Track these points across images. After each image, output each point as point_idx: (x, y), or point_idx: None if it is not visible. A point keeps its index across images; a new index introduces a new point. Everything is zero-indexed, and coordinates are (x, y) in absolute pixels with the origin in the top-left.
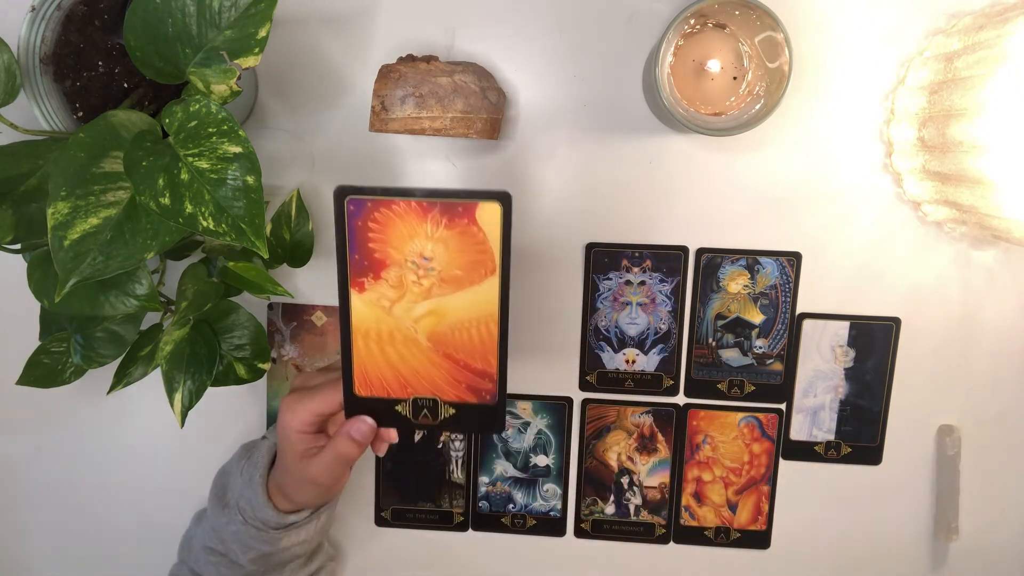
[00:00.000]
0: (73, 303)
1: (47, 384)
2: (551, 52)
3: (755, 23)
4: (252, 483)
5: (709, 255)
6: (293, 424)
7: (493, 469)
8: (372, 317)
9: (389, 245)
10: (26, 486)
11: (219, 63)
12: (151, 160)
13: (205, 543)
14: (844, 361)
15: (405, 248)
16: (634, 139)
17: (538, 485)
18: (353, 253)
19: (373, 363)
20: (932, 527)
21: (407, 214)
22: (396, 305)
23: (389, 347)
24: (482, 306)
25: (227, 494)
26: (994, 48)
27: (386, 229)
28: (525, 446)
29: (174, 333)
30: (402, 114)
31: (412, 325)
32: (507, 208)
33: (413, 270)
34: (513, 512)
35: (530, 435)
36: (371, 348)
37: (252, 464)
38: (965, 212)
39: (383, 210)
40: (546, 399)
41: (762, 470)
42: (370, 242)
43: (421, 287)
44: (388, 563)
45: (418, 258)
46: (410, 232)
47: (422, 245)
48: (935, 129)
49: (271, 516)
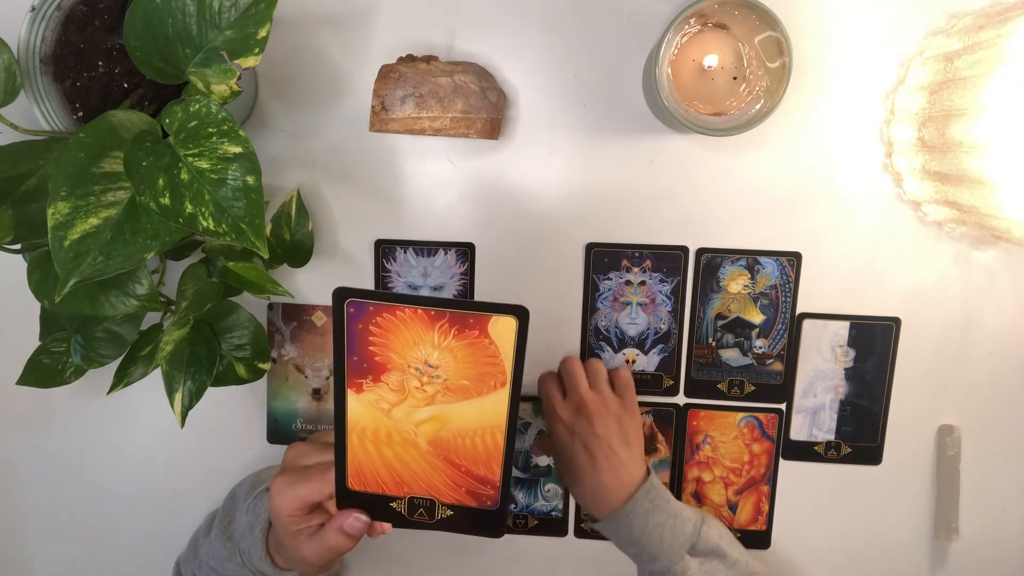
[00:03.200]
0: (73, 303)
1: (47, 384)
2: (551, 52)
3: (755, 23)
4: (252, 532)
5: (709, 255)
6: (283, 509)
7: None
8: (369, 417)
9: (391, 350)
10: (26, 486)
11: (219, 63)
12: (151, 160)
13: (209, 561)
14: (844, 361)
15: (409, 354)
16: (634, 139)
17: (539, 485)
18: (352, 355)
19: (368, 460)
20: (932, 527)
21: (413, 321)
22: (396, 408)
23: (386, 447)
24: (489, 417)
25: (232, 526)
26: (994, 48)
27: (389, 334)
28: (526, 446)
29: (174, 333)
30: (402, 114)
31: (412, 428)
32: (523, 323)
33: (416, 376)
34: (515, 512)
35: (531, 435)
36: (367, 447)
37: (255, 511)
38: (965, 212)
39: (386, 315)
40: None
41: (762, 470)
42: (371, 345)
43: (424, 393)
44: (388, 563)
45: (423, 365)
46: (415, 339)
47: (428, 353)
48: (935, 129)
49: (268, 570)
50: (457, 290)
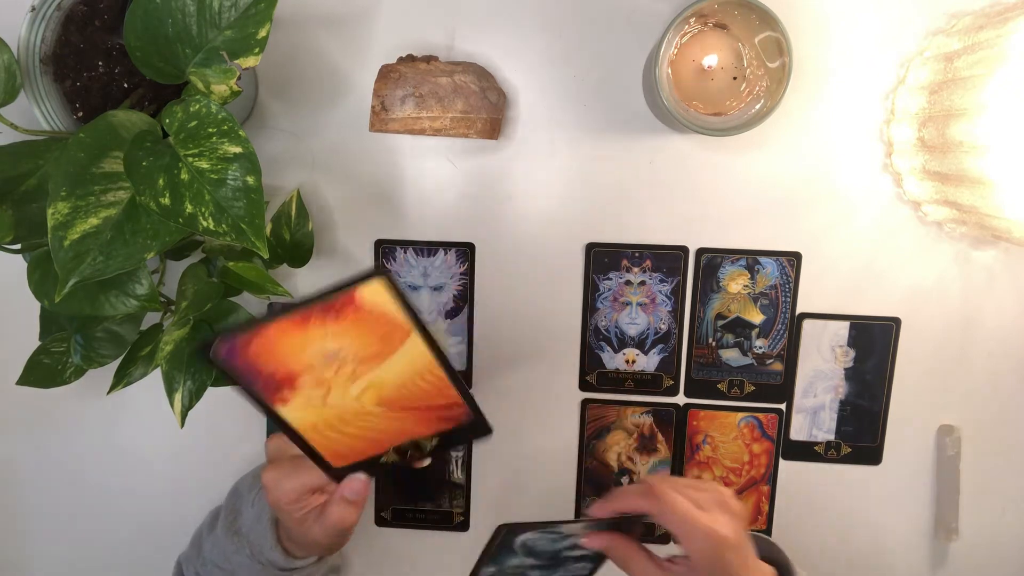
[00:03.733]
0: (73, 303)
1: (47, 384)
2: (551, 52)
3: (755, 23)
4: (261, 522)
5: (709, 255)
6: (282, 499)
7: (506, 563)
8: (311, 414)
9: (286, 362)
10: (26, 486)
11: (219, 63)
12: (151, 160)
13: (213, 557)
14: (844, 361)
15: (305, 357)
16: (634, 139)
17: (564, 565)
18: (254, 384)
19: (337, 443)
20: (932, 527)
21: (285, 332)
22: (328, 396)
23: (345, 426)
24: (416, 361)
25: (238, 520)
26: (994, 48)
27: (272, 352)
28: (558, 548)
29: (174, 333)
30: (402, 114)
31: (356, 403)
32: (388, 279)
33: (327, 367)
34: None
35: (571, 541)
36: (328, 434)
37: (260, 504)
38: (965, 212)
39: (256, 340)
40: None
41: (762, 470)
42: (263, 367)
43: (345, 374)
44: (388, 563)
45: (324, 357)
46: (300, 343)
47: (320, 346)
48: (935, 129)
49: (279, 559)
50: (457, 290)
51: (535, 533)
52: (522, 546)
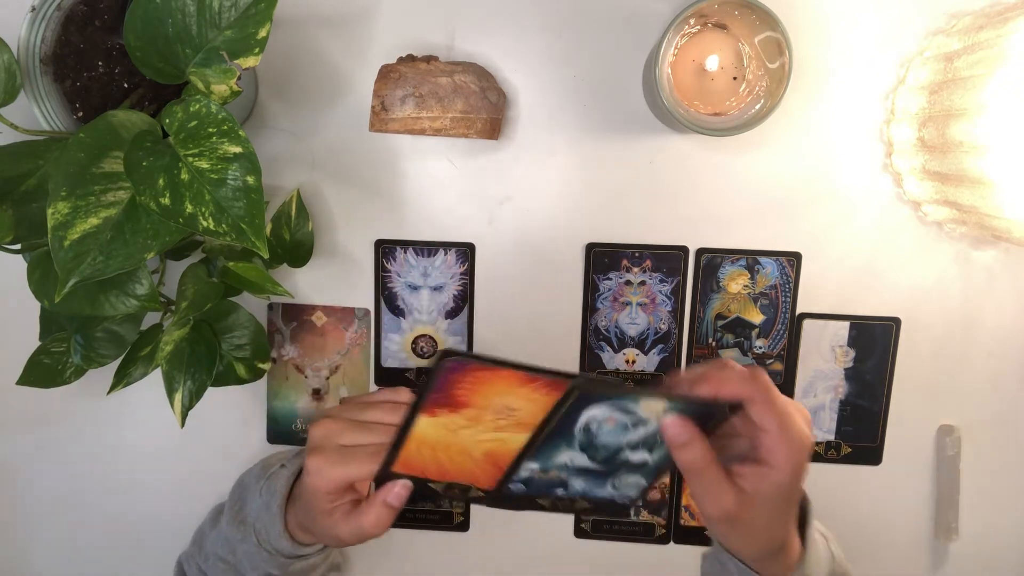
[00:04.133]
0: (73, 303)
1: (47, 384)
2: (551, 52)
3: (755, 23)
4: (270, 510)
5: (709, 255)
6: (322, 487)
7: (552, 458)
8: (434, 435)
9: (477, 395)
10: (26, 486)
11: (219, 63)
12: (151, 160)
13: (216, 549)
14: (844, 361)
15: (492, 401)
16: (634, 139)
17: (615, 475)
18: (434, 392)
19: (419, 459)
20: (932, 527)
21: (508, 378)
22: (463, 431)
23: (441, 453)
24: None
25: (244, 510)
26: (994, 48)
27: (479, 385)
28: (624, 442)
29: (174, 333)
30: (402, 114)
31: (473, 444)
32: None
33: (494, 415)
34: (558, 496)
35: (640, 433)
36: (422, 451)
37: (269, 490)
38: (965, 212)
39: (484, 374)
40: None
41: None
42: (458, 389)
43: (496, 425)
44: (388, 563)
45: (504, 409)
46: (504, 390)
47: (513, 401)
48: (935, 129)
49: (286, 546)
50: (457, 290)
51: (607, 408)
52: (584, 430)
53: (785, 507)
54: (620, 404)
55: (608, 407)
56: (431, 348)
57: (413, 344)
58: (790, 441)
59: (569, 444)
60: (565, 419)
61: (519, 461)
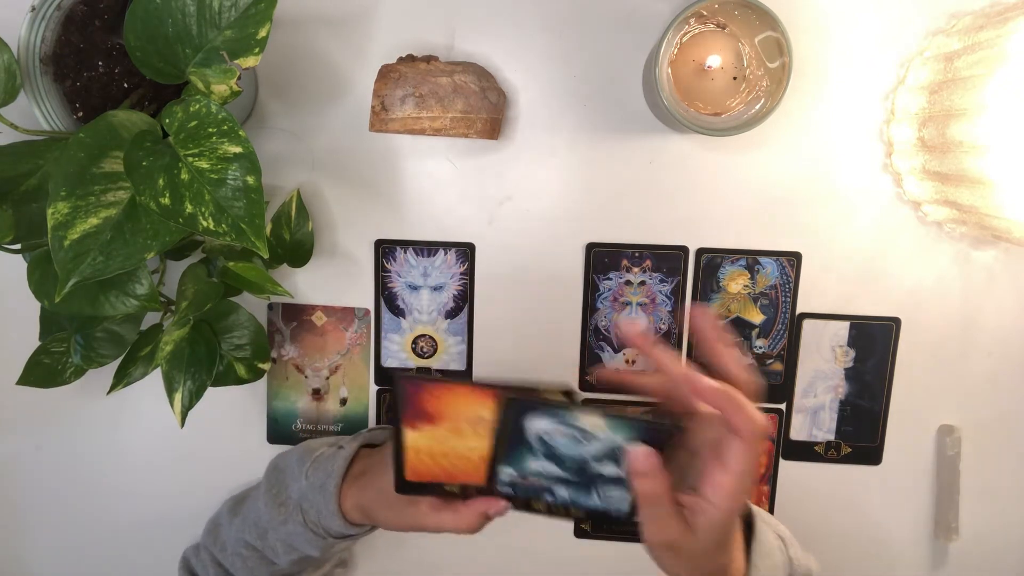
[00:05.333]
0: (73, 303)
1: (47, 384)
2: (551, 52)
3: (755, 23)
4: (325, 490)
5: (709, 255)
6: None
7: (525, 466)
8: (426, 444)
9: (446, 408)
10: (26, 486)
11: (219, 63)
12: (151, 160)
13: (241, 535)
14: (844, 361)
15: (462, 414)
16: (634, 139)
17: (597, 486)
18: (407, 409)
19: (423, 466)
20: (932, 527)
21: (467, 394)
22: (450, 441)
23: (442, 459)
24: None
25: (284, 492)
26: (994, 48)
27: (442, 401)
28: (585, 454)
29: (174, 333)
30: (402, 114)
31: (466, 451)
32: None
33: (470, 425)
34: (550, 502)
35: (596, 447)
36: (423, 459)
37: (324, 471)
38: (965, 212)
39: (441, 391)
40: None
41: (762, 470)
42: (425, 405)
43: (477, 434)
44: (388, 564)
45: (476, 418)
46: (467, 403)
47: (481, 411)
48: (935, 129)
49: (337, 525)
50: (457, 290)
51: (550, 421)
52: (539, 440)
53: (724, 538)
54: (560, 417)
55: (550, 421)
56: (431, 348)
57: (413, 344)
58: (740, 485)
59: (533, 454)
60: (514, 428)
61: (494, 464)
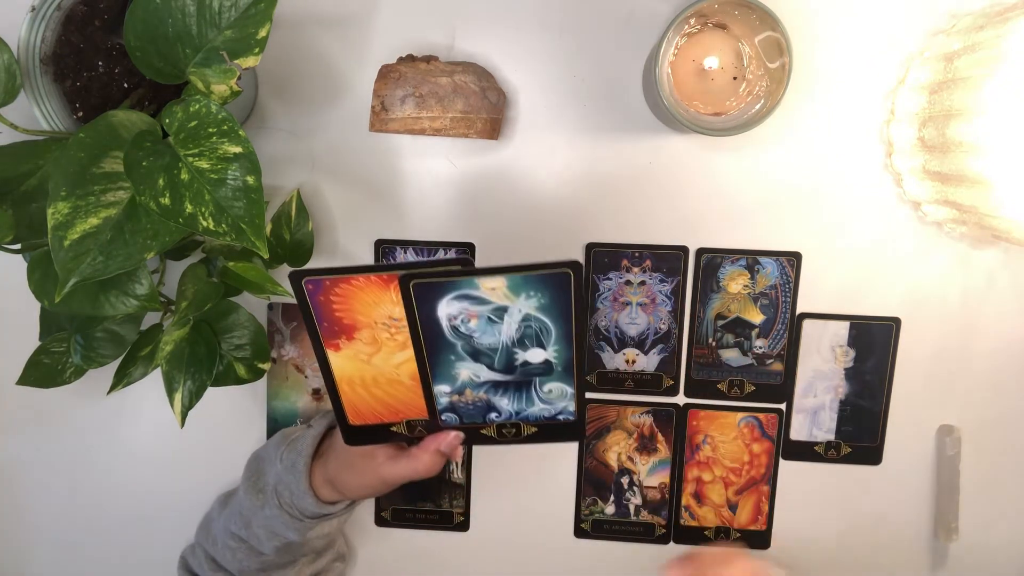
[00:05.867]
0: (73, 303)
1: (47, 384)
2: (551, 52)
3: (755, 23)
4: (295, 470)
5: (709, 255)
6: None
7: (455, 376)
8: (353, 368)
9: (356, 312)
10: (26, 486)
11: (219, 63)
12: (151, 160)
13: (228, 527)
14: (844, 361)
15: (373, 313)
16: (634, 139)
17: (534, 386)
18: (321, 322)
19: (361, 401)
20: (932, 527)
21: (368, 286)
22: (375, 357)
23: (375, 388)
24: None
25: (262, 479)
26: (994, 48)
27: (349, 300)
28: (504, 340)
29: (174, 333)
30: (402, 114)
31: (393, 370)
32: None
33: (385, 328)
34: (498, 422)
35: (510, 325)
36: (357, 391)
37: (295, 451)
38: (965, 212)
39: (343, 285)
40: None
41: (762, 470)
42: (336, 312)
43: (396, 341)
44: (388, 563)
45: (387, 319)
46: (375, 300)
47: (389, 309)
48: (935, 129)
49: (309, 504)
50: None
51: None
52: (454, 332)
53: None
54: (463, 292)
55: (456, 300)
56: None
57: None
58: None
59: (455, 354)
60: (426, 321)
61: (429, 388)
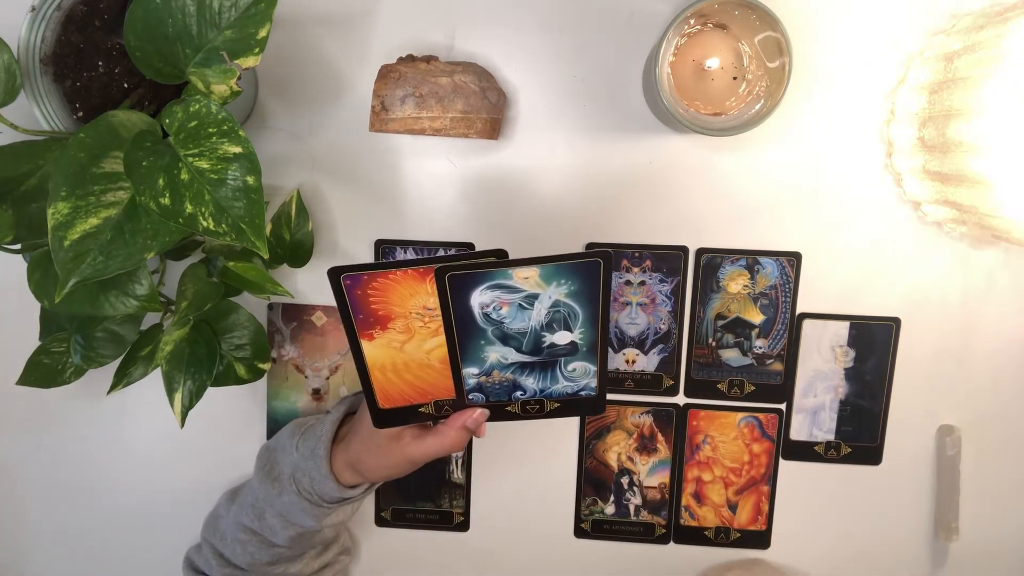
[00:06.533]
0: (73, 303)
1: (47, 384)
2: (551, 52)
3: (755, 23)
4: (315, 455)
5: (709, 255)
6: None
7: (484, 359)
8: (385, 356)
9: (392, 304)
10: (26, 486)
11: (219, 63)
12: (151, 160)
13: (239, 520)
14: (844, 361)
15: (408, 304)
16: (634, 139)
17: (559, 366)
18: (357, 315)
19: (392, 386)
20: (932, 527)
21: (404, 279)
22: (407, 344)
23: (405, 373)
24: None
25: (276, 468)
26: (994, 48)
27: (386, 293)
28: (533, 324)
29: (174, 333)
30: (402, 114)
31: (424, 356)
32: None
33: (419, 318)
34: (523, 399)
35: (540, 310)
36: (388, 376)
37: (314, 438)
38: (965, 212)
39: (380, 280)
40: (569, 259)
41: (762, 470)
42: (372, 304)
43: (429, 329)
44: (388, 563)
45: (422, 309)
46: (411, 292)
47: (424, 299)
48: (935, 129)
49: (330, 489)
50: None
51: (486, 290)
52: (485, 319)
53: None
54: (497, 282)
55: (489, 290)
56: None
57: None
58: None
59: (486, 339)
60: (459, 310)
61: (458, 370)
